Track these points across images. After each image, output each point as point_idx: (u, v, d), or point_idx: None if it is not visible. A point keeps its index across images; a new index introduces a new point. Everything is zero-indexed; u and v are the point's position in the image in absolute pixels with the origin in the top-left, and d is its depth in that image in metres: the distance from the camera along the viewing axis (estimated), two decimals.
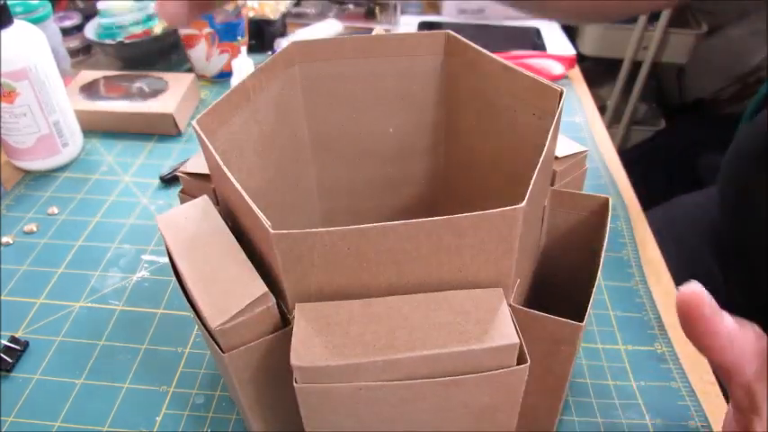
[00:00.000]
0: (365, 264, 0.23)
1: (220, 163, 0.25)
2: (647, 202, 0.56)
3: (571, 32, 1.38)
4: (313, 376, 0.23)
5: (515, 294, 0.26)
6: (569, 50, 0.79)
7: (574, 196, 0.32)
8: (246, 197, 0.23)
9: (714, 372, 0.22)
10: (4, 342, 0.41)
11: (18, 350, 0.40)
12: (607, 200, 0.31)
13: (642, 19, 1.29)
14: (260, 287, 0.25)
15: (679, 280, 0.47)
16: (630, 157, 0.73)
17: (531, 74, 0.31)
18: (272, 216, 0.25)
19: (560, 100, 0.29)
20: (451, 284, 0.25)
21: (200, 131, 0.27)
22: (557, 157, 0.33)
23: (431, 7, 0.91)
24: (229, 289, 0.25)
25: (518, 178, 0.34)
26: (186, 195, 0.33)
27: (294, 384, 0.23)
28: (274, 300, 0.25)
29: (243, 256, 0.26)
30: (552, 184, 0.33)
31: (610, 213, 0.30)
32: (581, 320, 0.25)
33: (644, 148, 1.33)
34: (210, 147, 0.26)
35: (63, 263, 0.48)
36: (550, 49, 0.79)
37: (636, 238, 0.51)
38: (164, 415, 0.37)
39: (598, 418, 0.37)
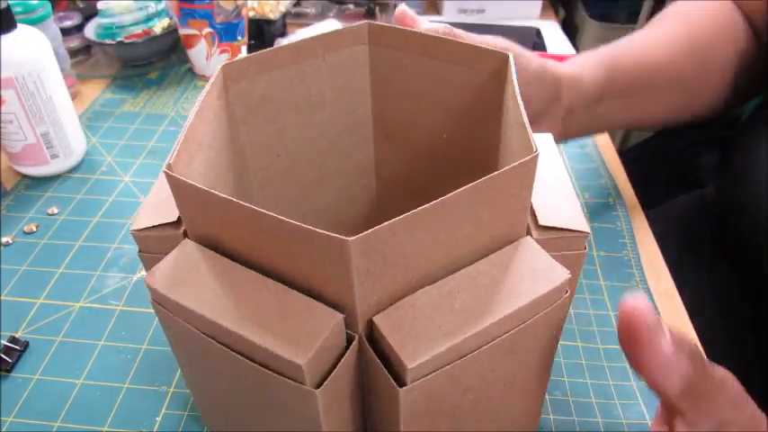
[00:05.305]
0: (420, 249, 0.23)
1: (207, 189, 0.23)
2: (647, 202, 0.56)
3: (571, 32, 1.38)
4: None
5: None
6: (569, 50, 0.79)
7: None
8: (281, 217, 0.21)
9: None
10: (4, 342, 0.41)
11: (18, 350, 0.40)
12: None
13: (642, 19, 1.29)
14: (326, 309, 0.23)
15: (679, 280, 0.47)
16: (630, 157, 0.73)
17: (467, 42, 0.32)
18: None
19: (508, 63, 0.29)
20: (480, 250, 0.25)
21: (172, 173, 0.24)
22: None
23: (431, 7, 0.91)
24: (291, 320, 0.23)
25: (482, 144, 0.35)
26: (148, 254, 0.28)
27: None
28: (342, 317, 0.23)
29: (275, 283, 0.24)
30: None
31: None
32: None
33: (644, 148, 1.33)
34: (190, 182, 0.23)
35: (63, 263, 0.48)
36: (551, 48, 0.79)
37: (636, 238, 0.51)
38: (164, 415, 0.37)
39: (598, 418, 0.37)
